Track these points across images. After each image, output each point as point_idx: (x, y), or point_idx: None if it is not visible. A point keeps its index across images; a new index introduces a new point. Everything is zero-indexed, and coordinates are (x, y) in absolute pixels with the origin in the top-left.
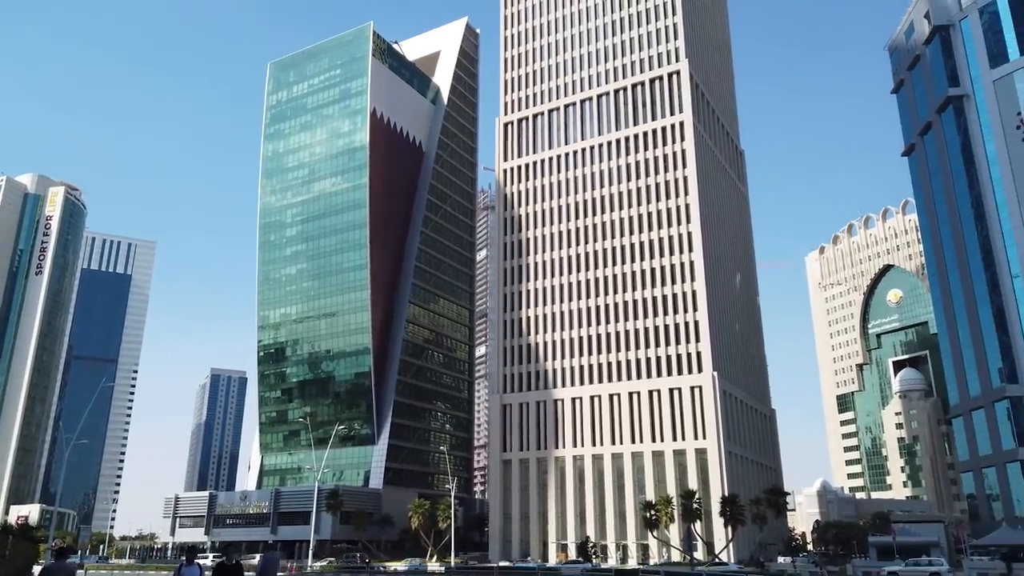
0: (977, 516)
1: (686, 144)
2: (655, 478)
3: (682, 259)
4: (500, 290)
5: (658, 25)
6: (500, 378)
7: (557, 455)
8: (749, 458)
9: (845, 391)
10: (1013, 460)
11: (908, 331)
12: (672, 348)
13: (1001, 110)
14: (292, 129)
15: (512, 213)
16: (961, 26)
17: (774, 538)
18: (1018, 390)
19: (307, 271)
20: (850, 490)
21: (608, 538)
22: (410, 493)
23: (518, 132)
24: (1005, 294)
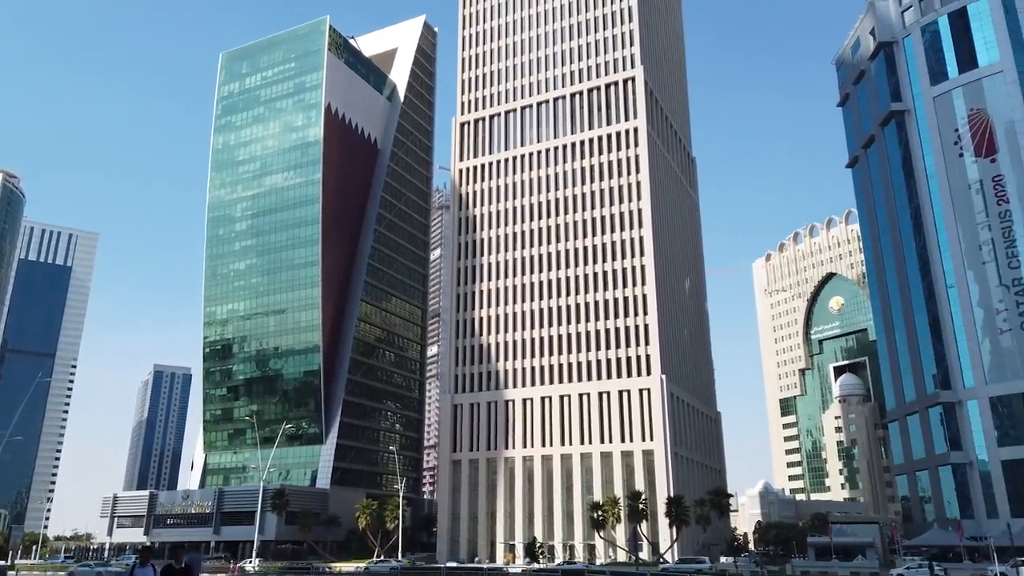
0: (910, 517)
1: (639, 150)
2: (603, 479)
3: (633, 263)
4: (453, 290)
5: (614, 31)
6: (452, 378)
7: (507, 455)
8: (695, 460)
9: (788, 395)
10: (945, 464)
11: (849, 337)
12: (622, 351)
13: (940, 126)
14: (244, 122)
15: (467, 213)
16: (904, 43)
17: (717, 538)
18: (951, 396)
19: (256, 267)
20: (791, 491)
21: (556, 538)
22: (358, 493)
23: (474, 132)
24: (940, 303)
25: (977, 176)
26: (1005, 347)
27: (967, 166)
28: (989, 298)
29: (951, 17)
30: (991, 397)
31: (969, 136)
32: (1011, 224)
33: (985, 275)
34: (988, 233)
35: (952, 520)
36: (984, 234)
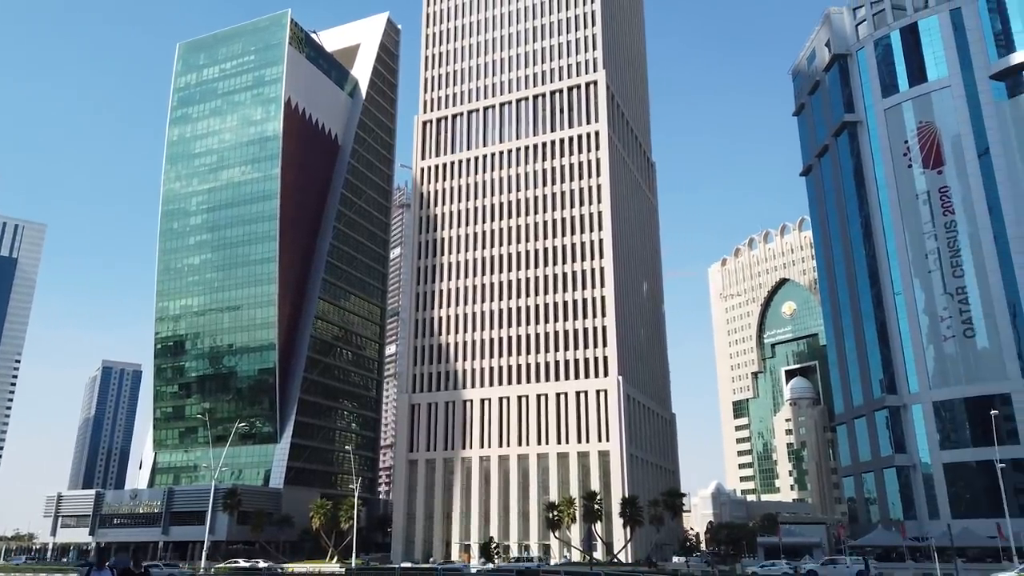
0: (856, 518)
1: (601, 153)
2: (559, 479)
3: (592, 265)
4: (413, 289)
5: (577, 35)
6: (409, 377)
7: (464, 456)
8: (649, 461)
9: (741, 398)
10: (890, 466)
11: (800, 342)
12: (580, 352)
13: (891, 137)
14: (200, 114)
15: (428, 212)
16: (858, 56)
17: (670, 538)
18: (896, 400)
19: (211, 262)
20: (742, 492)
21: (511, 538)
22: (312, 493)
23: (436, 131)
24: (888, 310)
25: (925, 187)
26: (948, 354)
27: (915, 177)
28: (934, 306)
29: (903, 32)
30: (934, 402)
31: (918, 148)
32: (956, 234)
33: (931, 283)
34: (934, 243)
35: (896, 521)
36: (930, 243)
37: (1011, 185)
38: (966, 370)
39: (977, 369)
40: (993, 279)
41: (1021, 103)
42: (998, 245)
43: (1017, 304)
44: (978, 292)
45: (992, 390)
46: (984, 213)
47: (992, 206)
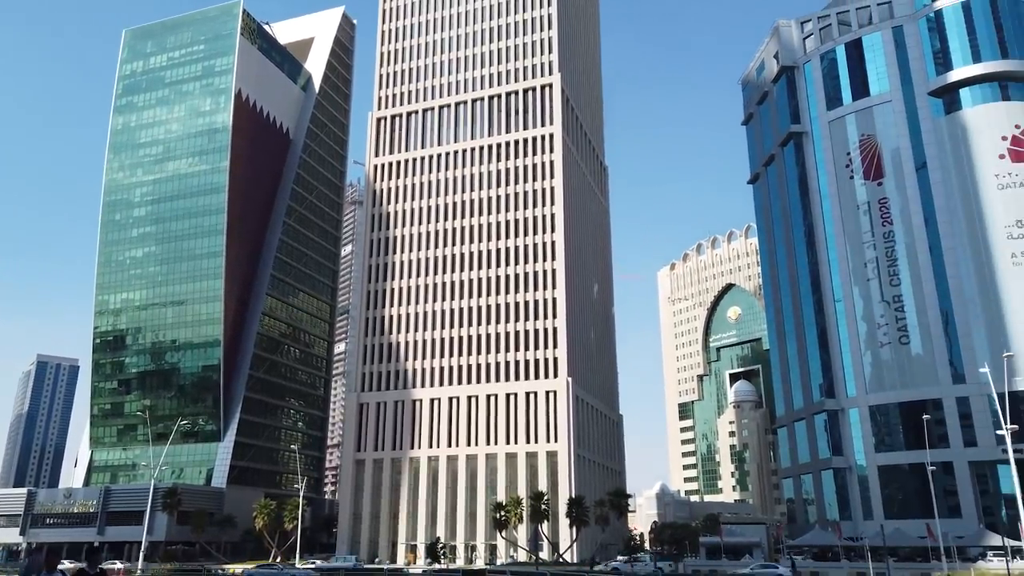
0: (794, 519)
1: (554, 155)
2: (507, 480)
3: (544, 267)
4: (364, 287)
5: (534, 37)
6: (359, 376)
7: (412, 455)
8: (596, 461)
9: (686, 400)
10: (827, 468)
11: (744, 346)
12: (530, 353)
13: (834, 149)
14: (147, 103)
15: (380, 210)
16: (805, 68)
17: (615, 538)
18: (835, 404)
19: (155, 255)
20: (686, 493)
21: (458, 539)
22: (256, 493)
23: (391, 128)
24: (828, 316)
25: (865, 198)
26: (884, 359)
27: (857, 188)
28: (872, 313)
29: (848, 47)
30: (870, 406)
31: (860, 160)
32: (893, 244)
33: (869, 291)
34: (873, 252)
35: (832, 521)
36: (869, 252)
37: (946, 198)
38: (901, 375)
39: (911, 374)
40: (927, 288)
41: (956, 120)
42: (933, 256)
43: (949, 313)
44: (913, 300)
45: (924, 395)
46: (920, 225)
47: (928, 218)
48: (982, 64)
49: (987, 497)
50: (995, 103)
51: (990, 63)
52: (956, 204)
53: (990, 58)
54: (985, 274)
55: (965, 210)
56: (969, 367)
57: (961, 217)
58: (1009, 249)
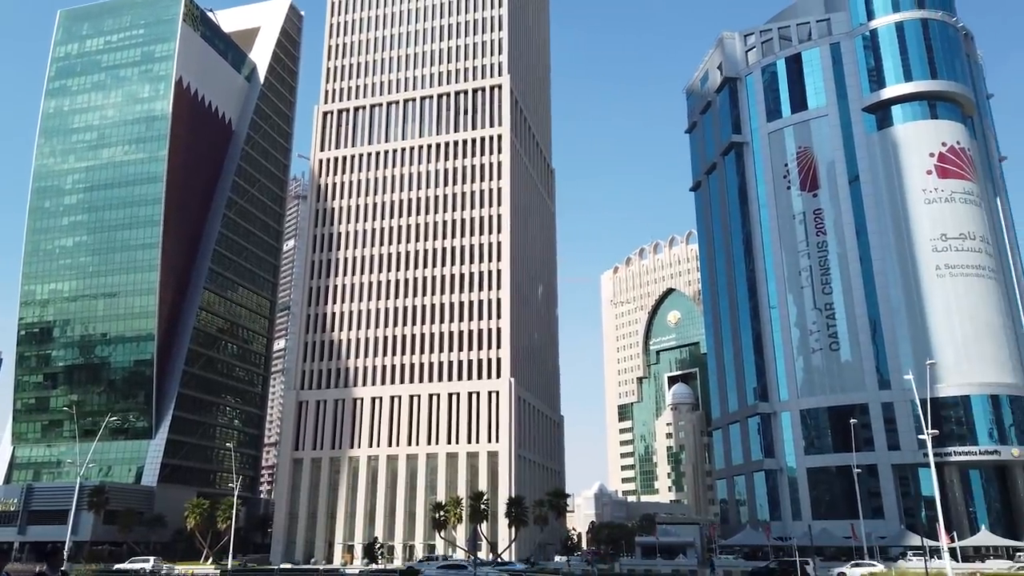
0: (727, 519)
1: (503, 156)
2: (447, 479)
3: (490, 267)
4: (306, 283)
5: (484, 38)
6: (298, 374)
7: (352, 455)
8: (537, 462)
9: (626, 401)
10: (759, 470)
11: (683, 349)
12: (474, 353)
13: (773, 160)
14: (81, 87)
15: (325, 205)
16: (747, 80)
17: (553, 538)
18: (768, 407)
19: (87, 245)
20: (623, 493)
21: (396, 539)
22: (189, 492)
23: (337, 123)
24: (764, 322)
25: (801, 208)
26: (815, 365)
27: (793, 199)
28: (805, 320)
29: (788, 61)
30: (801, 410)
31: (797, 171)
32: (826, 254)
33: (803, 299)
34: (807, 261)
35: (763, 521)
36: (804, 261)
37: (876, 211)
38: (830, 381)
39: (840, 380)
40: (857, 297)
41: (888, 136)
42: (863, 266)
43: (877, 321)
44: (844, 308)
45: (852, 400)
46: (852, 236)
47: (859, 229)
48: (913, 83)
49: (908, 499)
50: (924, 121)
51: (920, 82)
52: (886, 217)
53: (920, 78)
54: (911, 285)
55: (894, 222)
56: (894, 374)
57: (890, 229)
58: (933, 261)
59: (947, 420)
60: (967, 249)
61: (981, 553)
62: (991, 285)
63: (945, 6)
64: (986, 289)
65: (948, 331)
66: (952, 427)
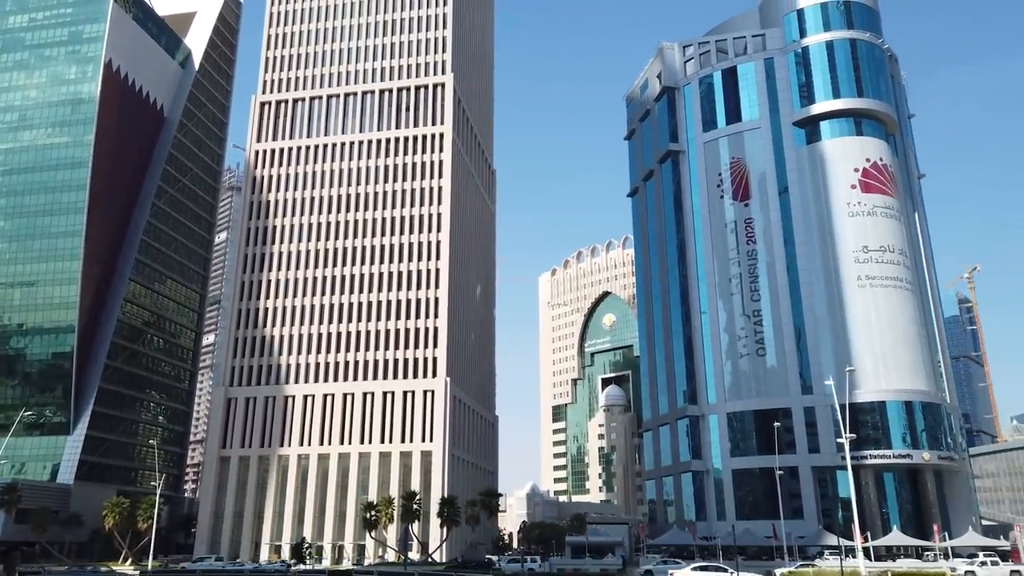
0: (655, 519)
1: (444, 155)
2: (380, 479)
3: (428, 266)
4: (238, 277)
5: (428, 35)
6: (228, 370)
7: (281, 453)
8: (470, 461)
9: (560, 403)
10: (687, 471)
11: (617, 352)
12: (410, 352)
13: (707, 169)
14: (3, 65)
15: (260, 198)
16: (684, 90)
17: (484, 538)
18: (697, 410)
19: (4, 231)
20: (555, 493)
21: (325, 539)
22: (108, 490)
23: (275, 114)
24: (695, 327)
25: (733, 217)
26: (743, 369)
27: (726, 207)
28: (733, 325)
29: (724, 73)
30: (728, 413)
31: (730, 181)
32: (756, 262)
33: (732, 305)
34: (737, 268)
35: (689, 521)
36: (734, 269)
37: (803, 222)
38: (756, 385)
39: (766, 384)
40: (784, 305)
41: (816, 150)
42: (790, 275)
43: (801, 328)
44: (771, 315)
45: (776, 404)
46: (780, 245)
47: (787, 239)
48: (841, 100)
49: (827, 500)
50: (850, 137)
51: (848, 100)
52: (812, 228)
53: (848, 95)
54: (834, 294)
55: (820, 234)
56: (816, 379)
57: (816, 240)
58: (855, 272)
59: (864, 425)
60: (887, 261)
61: (893, 552)
62: (908, 296)
63: (872, 28)
64: (903, 300)
65: (867, 339)
66: (869, 431)
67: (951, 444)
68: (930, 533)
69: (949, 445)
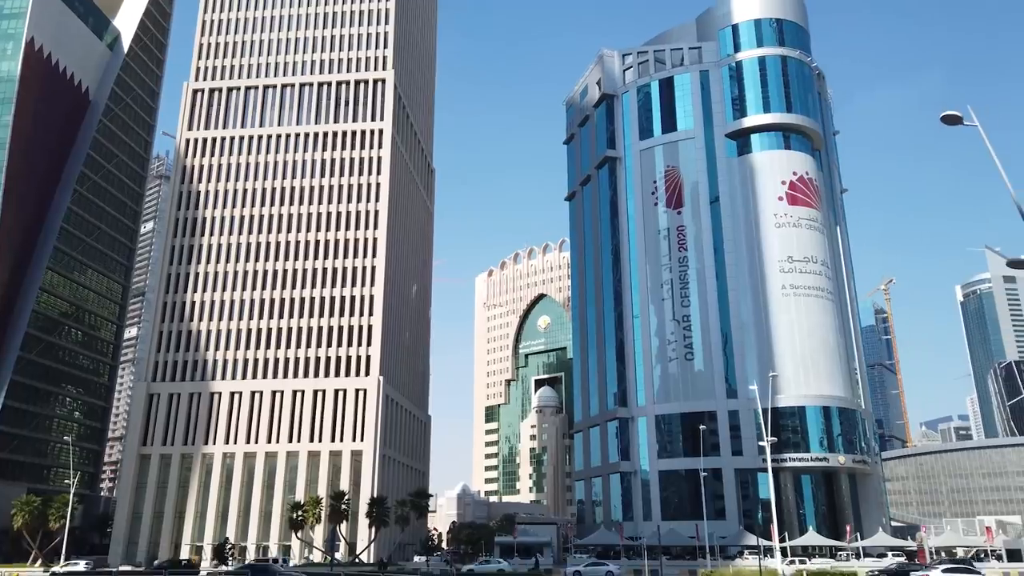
0: (583, 519)
1: (383, 151)
2: (308, 478)
3: (364, 263)
4: (165, 269)
5: (370, 29)
6: (151, 364)
7: (206, 451)
8: (402, 462)
9: (493, 403)
10: (615, 472)
11: (551, 354)
12: (343, 349)
13: (643, 176)
14: None
15: (190, 188)
16: (623, 98)
17: (414, 538)
18: (626, 412)
19: None
20: (486, 494)
21: (249, 539)
22: (18, 488)
23: (208, 102)
24: (627, 331)
25: (666, 224)
26: (671, 373)
27: (660, 215)
28: (664, 330)
29: (661, 83)
30: (656, 415)
31: (664, 189)
32: (687, 268)
33: (663, 310)
34: (669, 274)
35: (616, 522)
36: (666, 275)
37: (733, 231)
38: (684, 388)
39: (693, 388)
40: (712, 311)
41: (747, 162)
42: (718, 282)
43: (728, 334)
44: (699, 321)
45: (702, 407)
46: (711, 253)
47: (717, 247)
48: (771, 115)
49: (747, 501)
50: (779, 151)
51: (777, 115)
52: (741, 237)
53: (778, 110)
54: (760, 302)
55: (748, 243)
56: (741, 384)
57: (744, 249)
58: (780, 281)
59: (785, 429)
60: (810, 272)
61: (808, 552)
62: (828, 306)
63: (802, 46)
64: (824, 309)
65: (790, 346)
66: (789, 435)
67: (865, 448)
68: (843, 533)
69: (863, 449)
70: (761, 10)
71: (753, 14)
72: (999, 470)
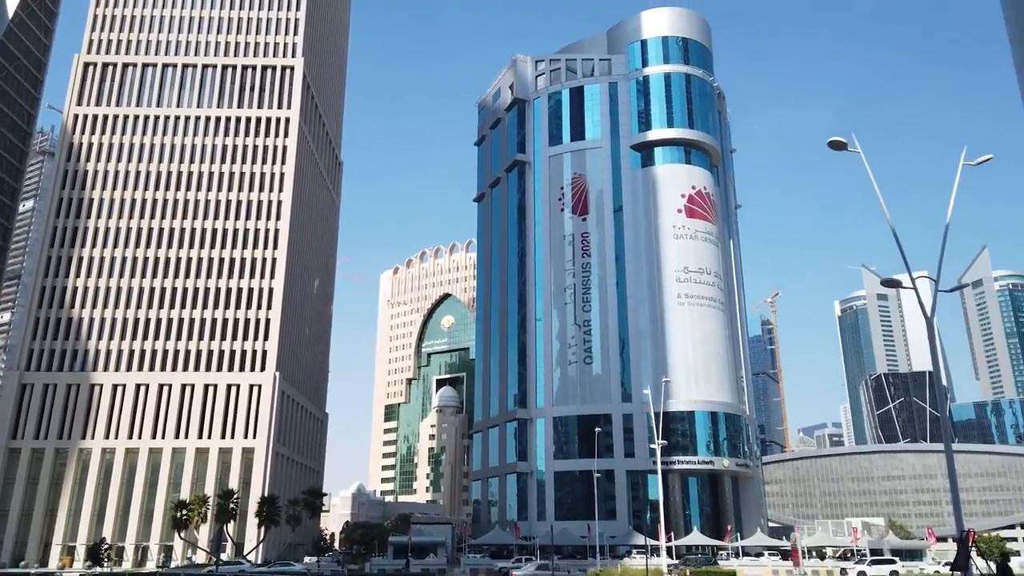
0: (479, 519)
1: (289, 141)
2: (194, 476)
3: (264, 254)
4: (45, 251)
5: (280, 15)
6: (24, 352)
7: (83, 446)
8: (295, 460)
9: (394, 402)
10: (512, 472)
11: (454, 354)
12: (238, 343)
13: (551, 182)
14: None
15: (77, 166)
16: (534, 104)
17: (305, 538)
18: (525, 413)
19: None
20: (383, 493)
21: (128, 540)
22: None
23: (101, 77)
24: (529, 333)
25: (571, 230)
26: (571, 376)
27: (565, 220)
28: (565, 334)
29: (572, 92)
30: (554, 417)
31: (571, 195)
32: (589, 274)
33: (565, 314)
34: (572, 279)
35: (511, 522)
36: (569, 280)
37: (634, 240)
38: (582, 391)
39: (590, 391)
40: (611, 316)
41: (650, 174)
42: (618, 289)
43: (625, 340)
44: (599, 326)
45: (599, 410)
46: (612, 260)
47: (618, 255)
48: (674, 129)
49: (637, 502)
50: (680, 164)
51: (680, 130)
52: (641, 246)
53: (680, 125)
54: (656, 309)
55: (647, 252)
56: (636, 388)
57: (644, 257)
58: (676, 290)
59: (675, 432)
60: (704, 282)
61: (693, 551)
62: (720, 316)
63: (705, 65)
64: (715, 319)
65: (682, 353)
66: (679, 439)
67: (748, 452)
68: (724, 534)
69: (746, 453)
70: (669, 28)
71: (661, 31)
72: (867, 475)
